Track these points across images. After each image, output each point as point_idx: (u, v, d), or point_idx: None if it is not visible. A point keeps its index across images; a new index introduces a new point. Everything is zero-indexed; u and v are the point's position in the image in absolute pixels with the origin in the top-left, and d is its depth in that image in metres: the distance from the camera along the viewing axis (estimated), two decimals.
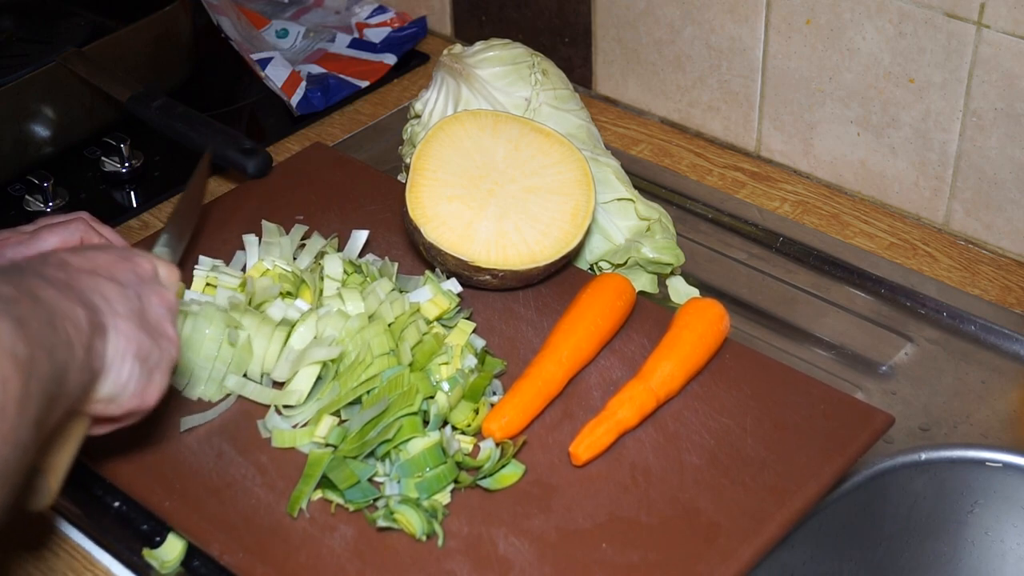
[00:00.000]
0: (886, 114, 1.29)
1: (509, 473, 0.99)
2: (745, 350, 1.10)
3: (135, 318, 0.85)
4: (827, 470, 0.98)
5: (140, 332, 0.84)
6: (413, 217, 1.13)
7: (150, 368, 0.86)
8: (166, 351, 0.88)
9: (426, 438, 0.99)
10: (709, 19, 1.38)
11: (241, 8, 1.65)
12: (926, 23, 1.22)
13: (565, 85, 1.28)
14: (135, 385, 0.85)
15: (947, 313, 1.21)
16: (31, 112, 1.41)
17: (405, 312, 1.09)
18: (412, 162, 1.16)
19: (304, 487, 0.97)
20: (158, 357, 0.86)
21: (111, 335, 0.82)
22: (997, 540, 1.13)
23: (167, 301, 0.90)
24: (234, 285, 1.12)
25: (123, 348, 0.83)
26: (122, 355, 0.83)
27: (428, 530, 0.94)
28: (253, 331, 1.07)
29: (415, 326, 1.08)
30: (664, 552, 0.93)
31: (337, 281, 1.13)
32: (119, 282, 0.86)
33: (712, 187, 1.38)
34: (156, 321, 0.87)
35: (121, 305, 0.84)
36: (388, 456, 0.99)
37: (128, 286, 0.86)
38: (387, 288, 1.11)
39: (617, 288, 1.11)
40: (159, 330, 0.87)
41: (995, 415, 1.12)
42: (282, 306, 1.09)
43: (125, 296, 0.85)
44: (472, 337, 1.10)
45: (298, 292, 1.12)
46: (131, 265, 0.88)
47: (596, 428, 1.00)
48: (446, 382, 1.04)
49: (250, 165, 1.34)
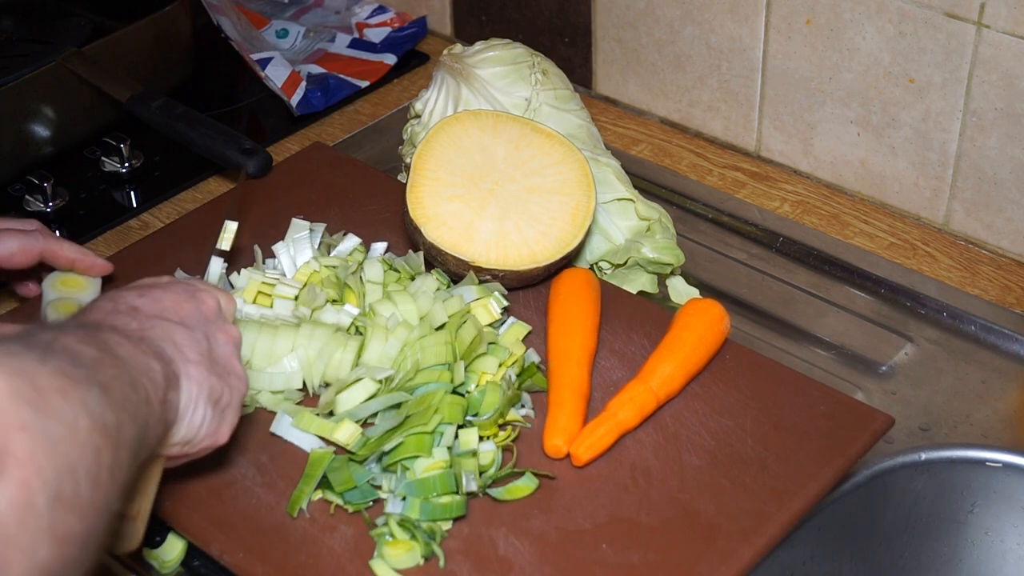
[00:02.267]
0: (886, 114, 1.29)
1: (522, 486, 0.98)
2: (745, 350, 1.10)
3: (205, 362, 0.85)
4: (827, 471, 0.98)
5: (210, 375, 0.84)
6: (414, 217, 1.13)
7: (221, 409, 0.86)
8: (235, 389, 0.88)
9: (431, 459, 0.97)
10: (709, 19, 1.38)
11: (241, 8, 1.65)
12: (926, 23, 1.22)
13: (565, 85, 1.28)
14: (208, 427, 0.85)
15: (947, 313, 1.21)
16: (31, 112, 1.41)
17: (458, 312, 1.07)
18: (412, 162, 1.16)
19: (304, 487, 0.97)
20: (228, 397, 0.86)
21: (183, 383, 0.82)
22: (997, 540, 1.13)
23: (232, 337, 0.90)
24: (291, 295, 1.10)
25: (195, 395, 0.83)
26: (195, 402, 0.83)
27: (427, 553, 0.93)
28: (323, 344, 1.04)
29: (472, 323, 1.06)
30: (664, 552, 0.93)
31: (378, 284, 1.11)
32: (187, 325, 0.86)
33: (712, 187, 1.38)
34: (224, 360, 0.87)
35: (191, 350, 0.84)
36: (394, 470, 0.98)
37: (195, 328, 0.86)
38: (433, 286, 1.11)
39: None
40: (227, 368, 0.87)
41: (995, 415, 1.12)
42: (333, 312, 1.08)
43: (194, 339, 0.85)
44: (529, 352, 1.08)
45: (343, 297, 1.11)
46: (196, 303, 0.88)
47: (597, 429, 1.00)
48: (479, 392, 1.02)
49: (250, 165, 1.34)
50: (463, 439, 0.99)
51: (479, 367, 1.04)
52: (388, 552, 0.92)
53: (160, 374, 0.78)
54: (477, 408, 1.02)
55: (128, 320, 0.82)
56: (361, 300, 1.11)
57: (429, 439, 0.98)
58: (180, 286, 0.90)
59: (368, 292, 1.11)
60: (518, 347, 1.08)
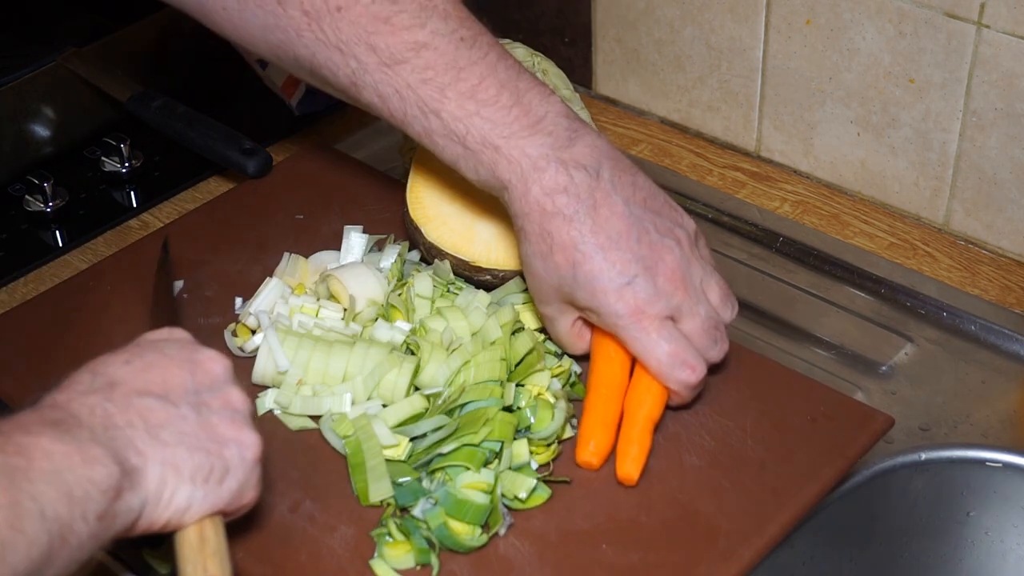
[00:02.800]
0: (886, 114, 1.29)
1: (536, 495, 0.97)
2: (745, 350, 1.10)
3: (186, 440, 0.82)
4: (827, 471, 0.98)
5: (194, 454, 0.82)
6: (414, 217, 1.12)
7: (218, 480, 0.83)
8: (234, 457, 0.84)
9: (476, 476, 0.95)
10: (709, 19, 1.38)
11: None
12: (926, 23, 1.22)
13: (565, 85, 1.28)
14: (202, 504, 0.83)
15: (947, 313, 1.21)
16: (31, 112, 1.41)
17: (509, 321, 1.05)
18: (412, 162, 1.16)
19: (357, 477, 0.96)
20: (223, 468, 0.83)
21: (152, 473, 0.79)
22: (997, 540, 1.13)
23: (231, 403, 0.86)
24: (338, 318, 1.08)
25: (172, 480, 0.80)
26: (172, 487, 0.81)
27: (423, 561, 0.92)
28: (377, 364, 1.02)
29: (528, 335, 1.04)
30: (664, 553, 0.93)
31: (427, 299, 1.09)
32: (171, 401, 0.83)
33: (712, 187, 1.38)
34: (221, 430, 0.84)
35: (168, 432, 0.81)
36: (437, 476, 0.96)
37: (180, 403, 0.83)
38: (485, 301, 1.08)
39: None
40: (224, 439, 0.84)
41: (995, 415, 1.12)
42: (387, 328, 1.06)
43: (174, 418, 0.82)
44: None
45: (389, 314, 1.08)
46: (189, 370, 0.85)
47: (630, 439, 0.98)
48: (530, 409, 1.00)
49: (250, 165, 1.34)
50: (515, 451, 0.97)
51: (530, 382, 1.03)
52: (388, 552, 0.92)
53: (103, 485, 0.75)
54: (527, 424, 1.00)
55: (97, 403, 0.79)
56: (410, 315, 1.08)
57: (480, 454, 0.95)
58: (179, 349, 0.87)
59: (418, 307, 1.09)
60: (564, 358, 1.06)
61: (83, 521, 0.74)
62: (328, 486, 0.98)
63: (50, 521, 0.71)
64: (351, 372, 1.02)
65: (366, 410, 1.00)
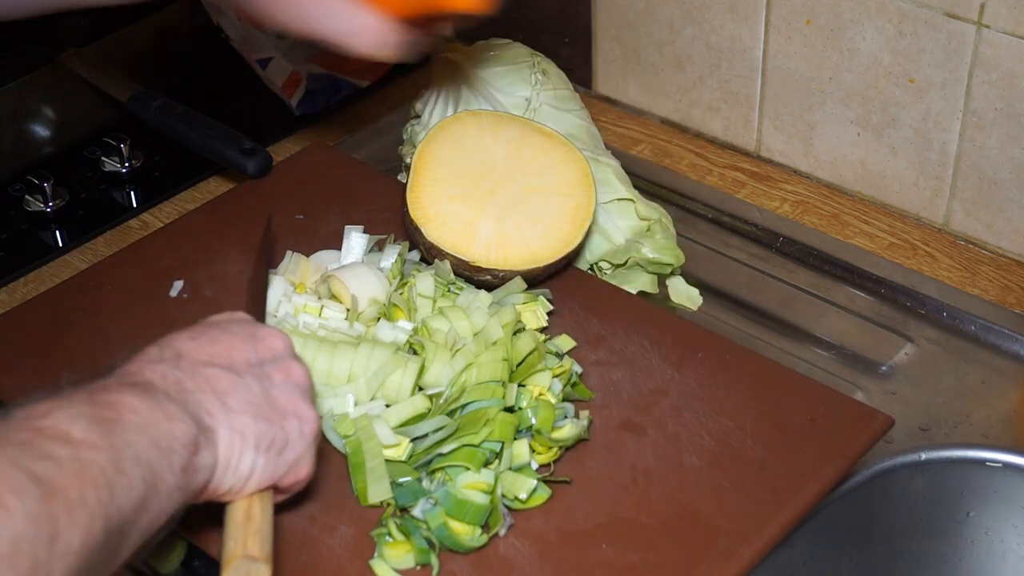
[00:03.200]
0: (886, 114, 1.29)
1: (536, 496, 0.96)
2: (745, 351, 1.10)
3: (251, 410, 0.84)
4: (827, 471, 0.98)
5: (258, 422, 0.84)
6: (414, 217, 1.13)
7: (277, 451, 0.85)
8: (295, 429, 0.86)
9: (476, 476, 0.95)
10: (709, 19, 1.38)
11: None
12: (926, 23, 1.22)
13: (565, 85, 1.28)
14: (262, 473, 0.85)
15: (947, 313, 1.21)
16: (31, 112, 1.41)
17: (511, 322, 1.05)
18: (412, 162, 1.16)
19: (357, 477, 0.96)
20: (284, 439, 0.86)
21: (222, 436, 0.82)
22: (997, 540, 1.13)
23: (293, 376, 0.88)
24: (341, 318, 1.08)
25: (239, 446, 0.83)
26: (239, 452, 0.83)
27: (423, 561, 0.92)
28: (382, 365, 1.02)
29: (530, 336, 1.04)
30: (664, 553, 0.93)
31: (429, 299, 1.09)
32: (236, 371, 0.85)
33: (712, 187, 1.38)
34: (282, 403, 0.86)
35: (234, 399, 0.83)
36: (437, 476, 0.96)
37: (244, 374, 0.85)
38: (487, 300, 1.08)
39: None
40: (285, 411, 0.86)
41: (995, 415, 1.12)
42: (389, 328, 1.06)
43: (241, 386, 0.84)
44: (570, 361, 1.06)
45: (391, 314, 1.08)
46: (252, 344, 0.88)
47: None
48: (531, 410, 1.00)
49: (250, 165, 1.34)
50: (515, 452, 0.97)
51: (531, 382, 1.02)
52: (388, 552, 0.92)
53: (182, 440, 0.78)
54: (528, 425, 1.00)
55: (168, 371, 0.82)
56: (412, 315, 1.08)
57: (480, 454, 0.95)
58: (241, 327, 0.89)
59: (419, 307, 1.09)
60: (565, 359, 1.06)
61: (170, 471, 0.77)
62: (328, 486, 0.98)
63: (144, 467, 0.74)
64: (356, 372, 1.02)
65: (369, 410, 1.00)
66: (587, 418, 1.02)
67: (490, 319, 1.05)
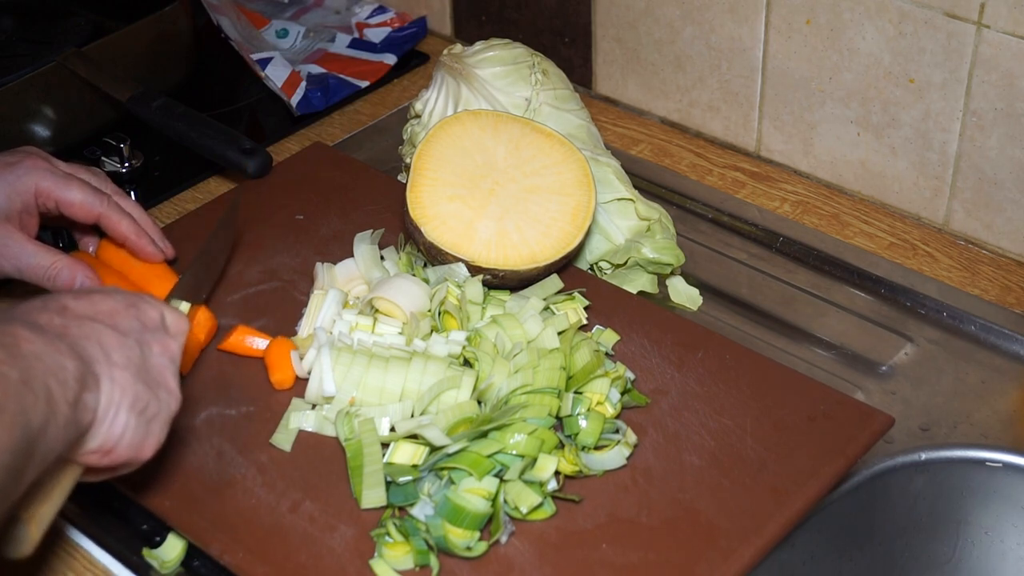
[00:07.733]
0: (886, 114, 1.29)
1: (539, 511, 0.96)
2: (745, 350, 1.10)
3: (132, 368, 0.83)
4: (827, 471, 0.98)
5: (137, 383, 0.83)
6: (414, 217, 1.13)
7: (147, 420, 0.85)
8: (165, 403, 0.86)
9: (480, 484, 0.94)
10: (709, 19, 1.38)
11: (241, 8, 1.65)
12: (926, 23, 1.22)
13: (565, 85, 1.28)
14: (130, 437, 0.84)
15: (947, 313, 1.21)
16: (31, 112, 1.41)
17: (567, 329, 1.04)
18: (412, 162, 1.16)
19: (356, 479, 0.96)
20: (156, 409, 0.85)
21: (104, 386, 0.81)
22: (997, 540, 1.13)
23: (169, 351, 0.88)
24: (396, 332, 1.07)
25: (117, 399, 0.82)
26: (116, 406, 0.82)
27: (422, 562, 0.92)
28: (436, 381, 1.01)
29: (587, 345, 1.03)
30: (664, 552, 0.93)
31: (479, 306, 1.08)
32: (119, 330, 0.85)
33: (712, 187, 1.38)
34: (157, 372, 0.86)
35: (118, 354, 0.83)
36: (442, 476, 0.96)
37: (128, 335, 0.85)
38: (539, 307, 1.08)
39: None
40: (159, 381, 0.86)
41: (995, 415, 1.12)
42: (443, 342, 1.05)
43: (124, 345, 0.84)
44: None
45: (443, 323, 1.07)
46: (135, 312, 0.87)
47: None
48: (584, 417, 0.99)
49: (250, 165, 1.34)
50: (540, 465, 0.96)
51: (589, 389, 1.02)
52: (388, 552, 0.92)
53: (72, 374, 0.78)
54: (576, 431, 0.99)
55: (52, 317, 0.82)
56: (464, 324, 1.07)
57: (488, 463, 0.95)
58: (123, 295, 0.89)
59: (471, 314, 1.07)
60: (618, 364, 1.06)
61: (64, 401, 0.77)
62: (328, 486, 0.98)
63: (44, 390, 0.75)
64: (409, 388, 1.01)
65: (418, 423, 0.99)
66: (630, 447, 0.99)
67: (546, 329, 1.05)
